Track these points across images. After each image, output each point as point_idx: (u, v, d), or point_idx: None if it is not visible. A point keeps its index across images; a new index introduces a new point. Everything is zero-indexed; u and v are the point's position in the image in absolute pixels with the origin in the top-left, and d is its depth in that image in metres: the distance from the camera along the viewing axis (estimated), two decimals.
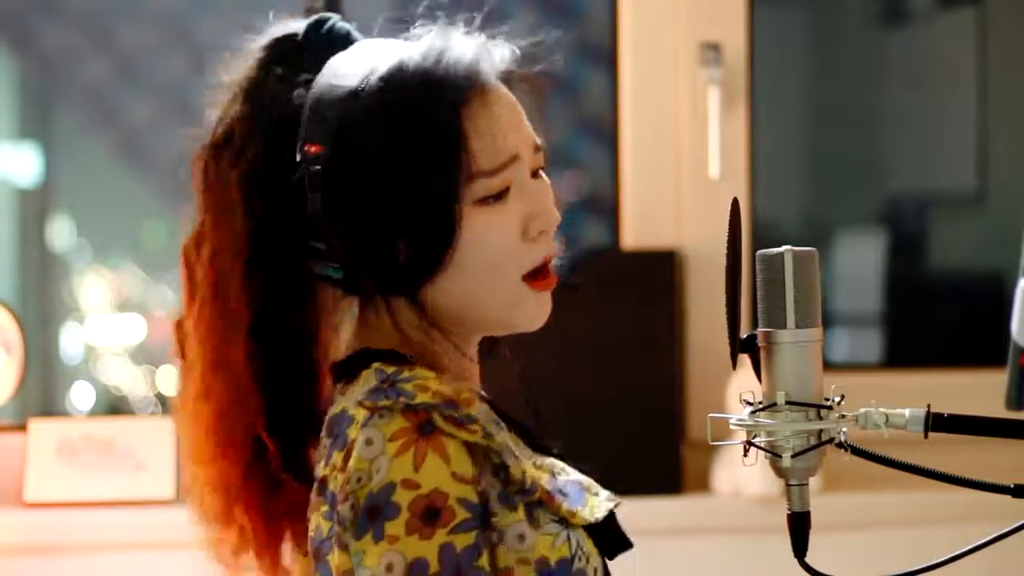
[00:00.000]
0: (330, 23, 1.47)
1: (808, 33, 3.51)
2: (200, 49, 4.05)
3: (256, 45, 1.46)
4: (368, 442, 1.32)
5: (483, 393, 1.50)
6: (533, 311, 1.44)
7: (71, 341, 4.37)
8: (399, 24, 1.47)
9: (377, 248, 1.39)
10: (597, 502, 1.43)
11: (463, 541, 1.30)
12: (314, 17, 1.48)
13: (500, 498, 1.34)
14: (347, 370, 1.42)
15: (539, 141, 1.45)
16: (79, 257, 4.46)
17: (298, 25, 1.48)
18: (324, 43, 1.46)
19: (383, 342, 1.43)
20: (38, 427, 2.63)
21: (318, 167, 1.39)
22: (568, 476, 1.45)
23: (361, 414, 1.34)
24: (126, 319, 4.46)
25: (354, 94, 1.39)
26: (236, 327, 1.42)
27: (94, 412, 4.15)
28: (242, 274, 1.42)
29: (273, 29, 1.48)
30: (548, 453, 1.47)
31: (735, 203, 1.32)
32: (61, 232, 4.42)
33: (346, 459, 1.33)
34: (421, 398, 1.33)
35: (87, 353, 4.36)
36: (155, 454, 2.61)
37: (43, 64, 4.36)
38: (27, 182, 4.28)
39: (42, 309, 4.27)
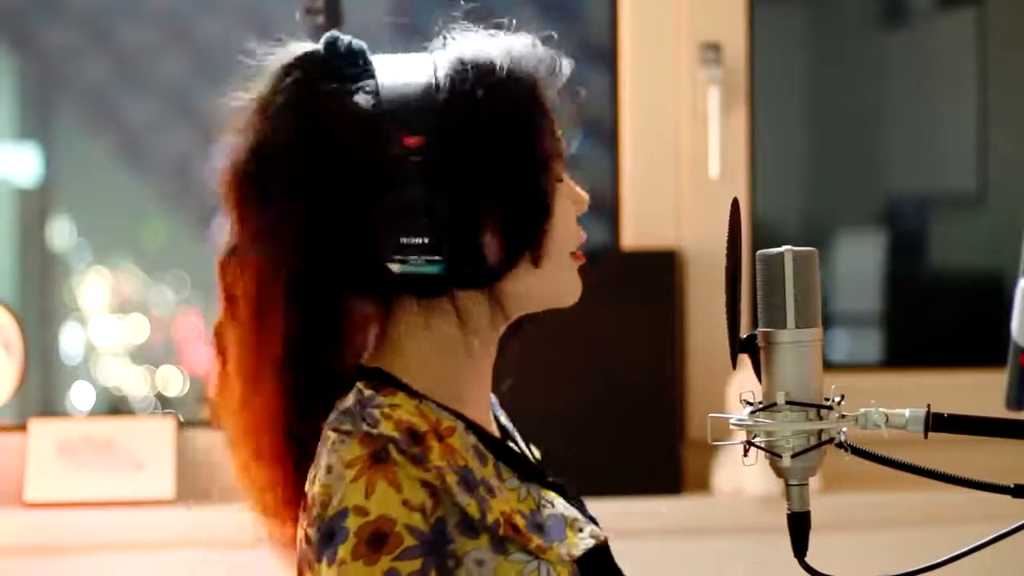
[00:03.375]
0: (347, 40, 1.47)
1: (808, 33, 3.51)
2: (200, 49, 4.05)
3: (275, 64, 1.45)
4: (328, 469, 1.35)
5: (496, 415, 1.51)
6: (576, 285, 1.47)
7: (71, 341, 4.37)
8: (399, 29, 1.48)
9: (477, 235, 1.39)
10: (578, 539, 1.43)
11: (408, 568, 1.31)
12: (328, 36, 1.47)
13: (460, 526, 1.35)
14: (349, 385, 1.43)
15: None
16: (79, 257, 4.46)
17: (310, 45, 1.47)
18: (347, 55, 1.45)
19: (404, 356, 1.43)
20: (38, 427, 2.63)
21: (417, 158, 1.38)
22: (553, 510, 1.45)
23: (330, 436, 1.37)
24: (126, 319, 4.46)
25: (441, 86, 1.40)
26: (272, 349, 1.42)
27: (94, 412, 4.15)
28: (282, 295, 1.41)
29: (288, 49, 1.46)
30: (543, 483, 1.47)
31: (735, 203, 1.32)
32: (61, 232, 4.42)
33: (312, 482, 1.36)
34: (382, 428, 1.35)
35: (87, 353, 4.36)
36: (155, 454, 2.61)
37: (43, 64, 4.36)
38: (27, 182, 4.28)
39: (42, 309, 4.27)
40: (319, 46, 1.46)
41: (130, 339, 4.46)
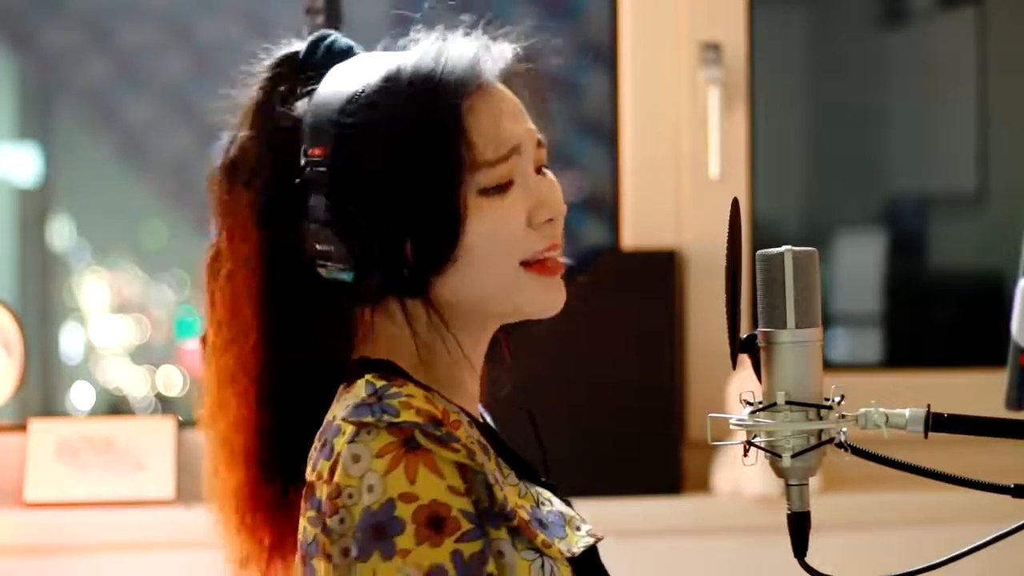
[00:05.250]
0: (330, 39, 1.50)
1: (808, 33, 3.51)
2: (200, 49, 4.05)
3: (261, 67, 1.49)
4: (355, 458, 1.33)
5: (481, 414, 1.51)
6: (538, 295, 1.44)
7: (71, 341, 4.38)
8: (400, 28, 1.48)
9: (385, 244, 1.39)
10: (577, 537, 1.44)
11: (470, 549, 1.31)
12: (315, 35, 1.50)
13: (486, 514, 1.35)
14: (347, 376, 1.43)
15: (541, 137, 1.46)
16: (79, 257, 4.47)
17: (301, 44, 1.50)
18: (326, 59, 1.48)
19: (393, 351, 1.44)
20: (38, 427, 2.63)
21: (322, 169, 1.40)
22: (552, 507, 1.45)
23: (347, 428, 1.35)
24: (126, 319, 4.47)
25: (353, 98, 1.41)
26: (248, 343, 1.44)
27: (94, 412, 4.16)
28: (256, 290, 1.44)
29: (278, 50, 1.50)
30: (537, 482, 1.48)
31: (735, 203, 1.32)
32: (61, 232, 4.42)
33: (332, 471, 1.34)
34: (405, 415, 1.33)
35: (87, 353, 4.37)
36: (155, 454, 2.61)
37: (43, 64, 4.37)
38: (27, 182, 4.28)
39: (42, 309, 4.27)
40: (301, 47, 1.49)
41: (130, 339, 4.46)
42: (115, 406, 4.32)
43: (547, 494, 1.47)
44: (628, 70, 2.81)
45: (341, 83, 1.43)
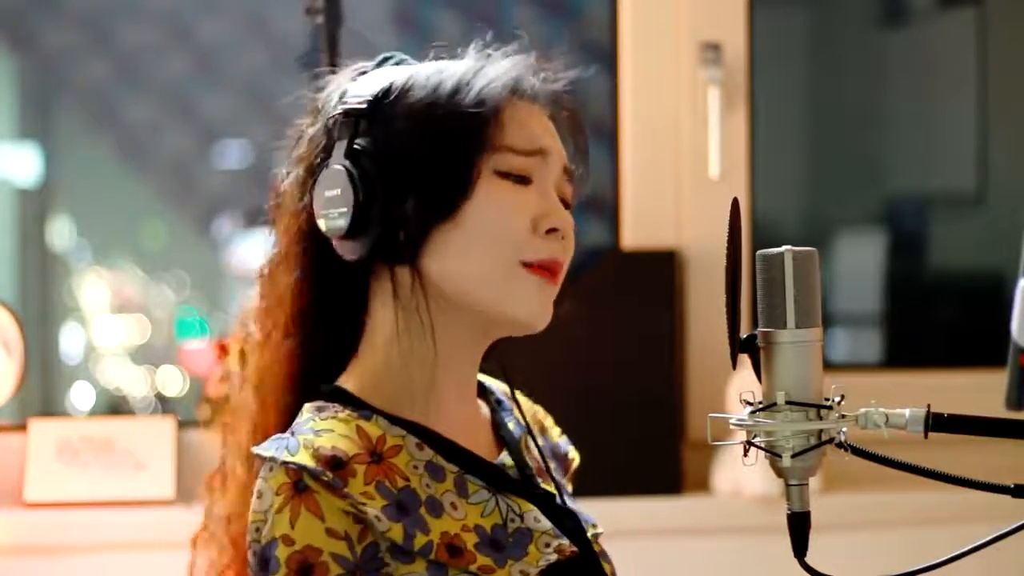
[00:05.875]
0: (396, 59, 1.53)
1: (808, 33, 3.51)
2: (200, 49, 4.05)
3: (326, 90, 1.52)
4: (259, 494, 1.38)
5: (494, 413, 1.52)
6: (530, 297, 1.45)
7: (71, 341, 4.38)
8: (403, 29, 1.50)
9: (389, 197, 1.42)
10: (541, 554, 1.44)
11: None
12: (380, 57, 1.53)
13: (392, 551, 1.37)
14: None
15: (571, 167, 1.50)
16: (79, 257, 4.47)
17: (368, 65, 1.53)
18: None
19: (378, 347, 1.46)
20: (38, 427, 2.63)
21: (353, 117, 1.44)
22: (522, 523, 1.45)
23: (261, 460, 1.39)
24: (126, 319, 4.47)
25: (401, 73, 1.47)
26: (285, 358, 1.48)
27: (94, 412, 4.16)
28: (295, 285, 1.48)
29: (344, 72, 1.53)
30: (525, 494, 1.48)
31: (735, 203, 1.32)
32: (61, 232, 4.42)
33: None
34: (299, 456, 1.36)
35: (87, 353, 4.37)
36: (155, 454, 2.61)
37: (43, 64, 4.37)
38: (27, 182, 4.28)
39: (42, 309, 4.27)
40: (368, 66, 1.53)
41: (130, 339, 4.46)
42: (115, 406, 4.32)
43: (528, 508, 1.47)
44: (628, 70, 2.81)
45: (381, 80, 1.48)
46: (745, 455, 1.32)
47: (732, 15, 2.81)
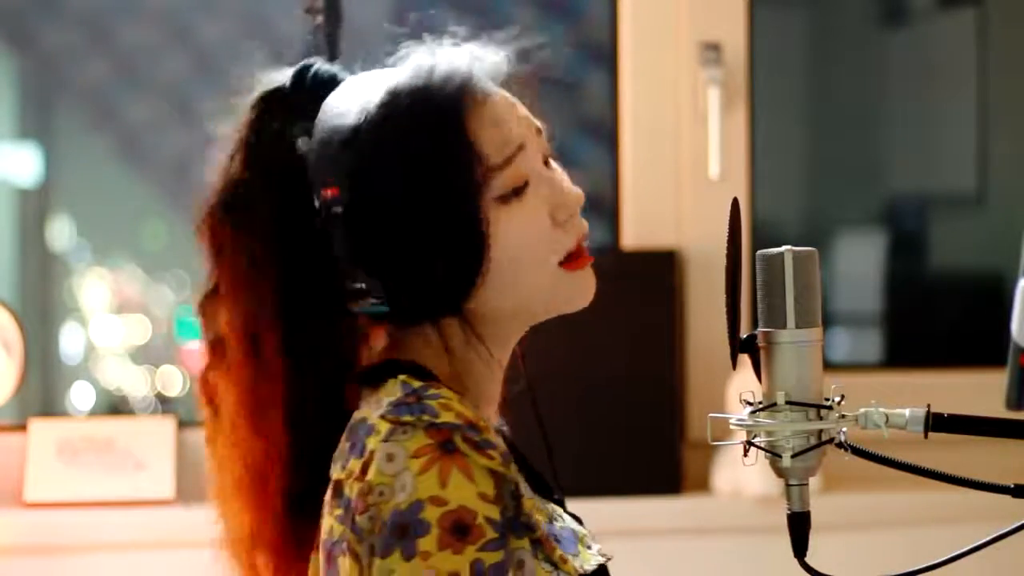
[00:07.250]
0: (314, 69, 1.48)
1: (808, 33, 3.51)
2: (200, 49, 4.05)
3: (247, 102, 1.46)
4: (389, 457, 1.32)
5: (500, 427, 1.51)
6: (575, 292, 1.46)
7: (71, 341, 4.37)
8: (394, 38, 1.48)
9: (413, 275, 1.39)
10: (589, 555, 1.44)
11: (491, 559, 1.30)
12: (298, 65, 1.48)
13: (512, 524, 1.33)
14: (372, 378, 1.42)
15: (540, 124, 1.46)
16: (79, 257, 4.47)
17: (284, 76, 1.48)
18: (313, 89, 1.46)
19: (422, 359, 1.43)
20: (38, 427, 2.63)
21: (338, 209, 1.39)
22: (564, 523, 1.45)
23: (383, 426, 1.34)
24: (126, 319, 4.46)
25: (356, 130, 1.40)
26: (273, 383, 1.42)
27: (94, 412, 4.15)
28: (278, 329, 1.42)
29: (261, 83, 1.47)
30: (549, 498, 1.48)
31: (735, 203, 1.32)
32: (61, 232, 4.42)
33: (364, 469, 1.33)
34: (445, 417, 1.33)
35: (87, 353, 4.36)
36: (155, 454, 2.61)
37: (43, 64, 4.37)
38: (27, 182, 4.28)
39: (42, 309, 4.27)
40: (286, 80, 1.47)
41: (130, 339, 4.46)
42: (115, 406, 4.32)
43: (559, 510, 1.47)
44: (628, 70, 2.81)
45: (339, 117, 1.41)
46: (745, 455, 1.32)
47: (732, 15, 2.81)
